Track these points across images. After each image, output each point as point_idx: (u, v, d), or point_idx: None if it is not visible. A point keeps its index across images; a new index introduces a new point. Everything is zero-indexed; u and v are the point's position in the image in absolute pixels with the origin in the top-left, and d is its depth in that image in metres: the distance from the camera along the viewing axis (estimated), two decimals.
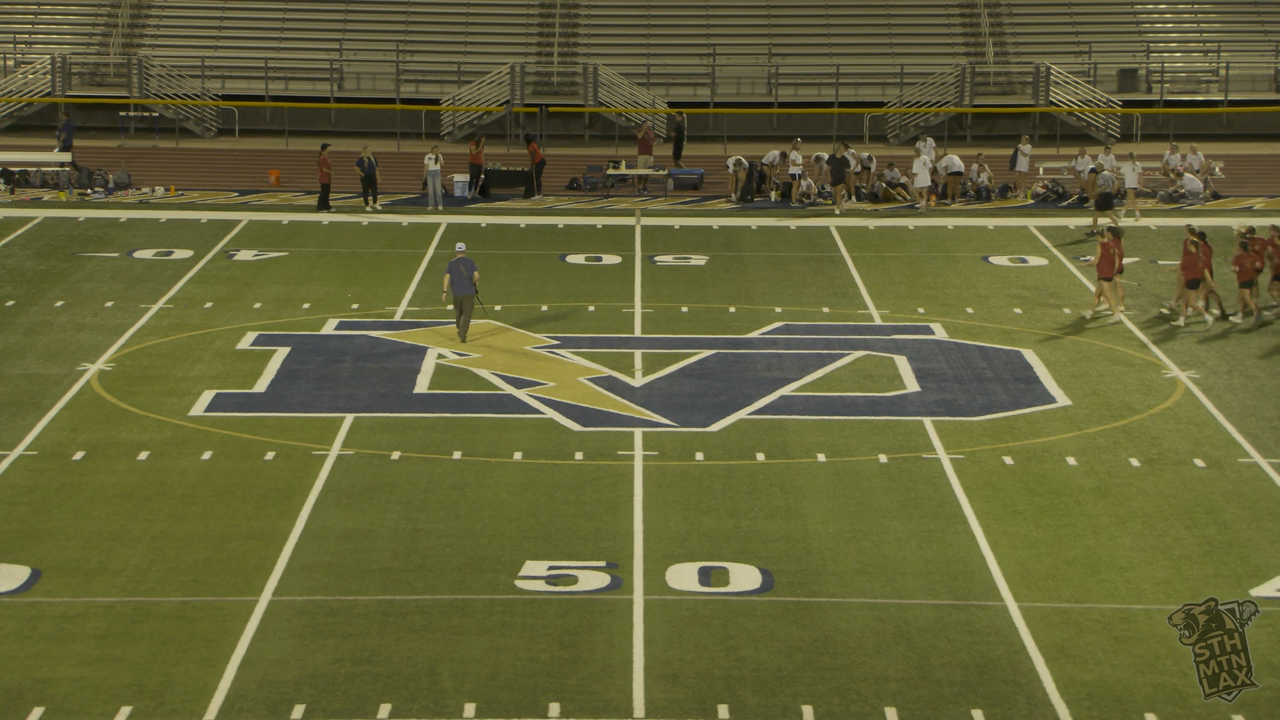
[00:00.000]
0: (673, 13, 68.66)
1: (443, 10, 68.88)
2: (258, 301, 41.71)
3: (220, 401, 34.03)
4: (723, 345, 38.23)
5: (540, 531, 27.59)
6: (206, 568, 26.06)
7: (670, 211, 53.77)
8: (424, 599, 25.01)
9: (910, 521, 28.06)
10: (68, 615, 24.44)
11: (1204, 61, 67.06)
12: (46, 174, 56.78)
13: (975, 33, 67.53)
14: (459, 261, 38.03)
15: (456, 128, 63.40)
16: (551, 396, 34.32)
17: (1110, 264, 40.10)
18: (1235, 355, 37.67)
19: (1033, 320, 40.44)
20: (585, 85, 63.96)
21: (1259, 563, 26.61)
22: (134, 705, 21.85)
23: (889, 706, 21.99)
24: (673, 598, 25.10)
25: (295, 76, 65.47)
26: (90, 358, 36.83)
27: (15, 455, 30.92)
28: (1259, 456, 31.27)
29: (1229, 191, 56.52)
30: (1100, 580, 25.85)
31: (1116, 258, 40.31)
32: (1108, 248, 40.13)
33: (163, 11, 68.26)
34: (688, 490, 29.37)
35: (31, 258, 46.27)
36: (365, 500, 28.81)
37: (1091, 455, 31.24)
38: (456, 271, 37.90)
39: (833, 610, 24.74)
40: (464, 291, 37.90)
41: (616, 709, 21.89)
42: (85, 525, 27.67)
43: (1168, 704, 22.02)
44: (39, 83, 63.85)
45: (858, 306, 41.85)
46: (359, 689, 22.28)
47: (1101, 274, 40.22)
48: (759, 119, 64.82)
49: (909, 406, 34.08)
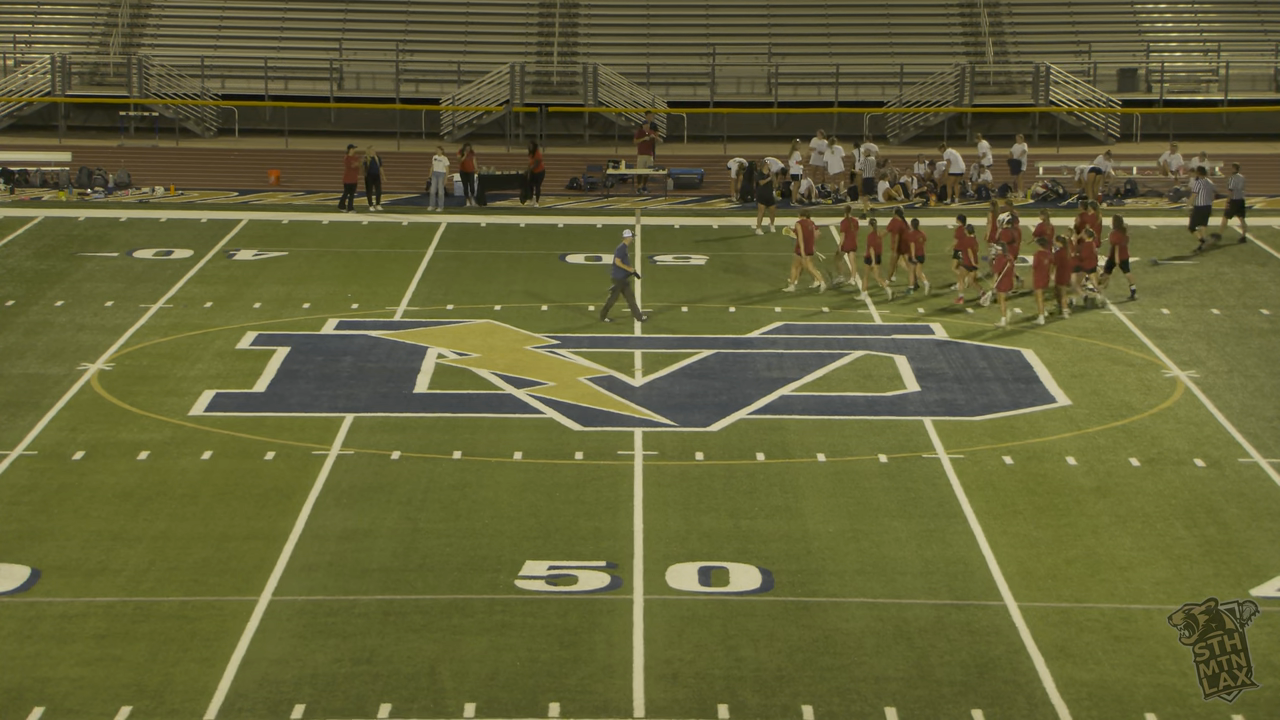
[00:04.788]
0: (673, 13, 68.64)
1: (443, 10, 68.86)
2: (258, 301, 41.72)
3: (220, 401, 34.03)
4: (723, 345, 38.23)
5: (540, 531, 27.59)
6: (206, 567, 26.06)
7: (670, 211, 53.77)
8: (424, 599, 25.02)
9: (910, 521, 28.06)
10: (68, 615, 24.44)
11: (1204, 61, 67.05)
12: (46, 173, 56.78)
13: (975, 32, 67.52)
14: (619, 249, 39.90)
15: (456, 127, 63.39)
16: (551, 396, 34.33)
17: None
18: (1235, 355, 37.67)
19: (1032, 320, 40.41)
20: (585, 85, 63.96)
21: (1259, 562, 26.61)
22: (134, 705, 21.85)
23: (889, 706, 22.00)
24: (673, 597, 25.10)
25: (295, 76, 65.46)
26: (90, 357, 36.83)
27: (15, 455, 30.93)
28: (1259, 456, 31.28)
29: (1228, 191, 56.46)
30: (1100, 580, 25.86)
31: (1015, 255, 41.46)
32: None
33: (162, 11, 68.24)
34: (688, 490, 29.38)
35: (31, 257, 46.27)
36: (365, 500, 28.81)
37: (1091, 455, 31.24)
38: (622, 256, 39.65)
39: (833, 610, 24.75)
40: (613, 276, 39.71)
41: (616, 709, 21.90)
42: (85, 525, 27.67)
43: (1168, 704, 22.02)
44: (39, 82, 63.83)
45: (857, 306, 41.84)
46: (359, 689, 22.29)
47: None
48: (759, 119, 64.80)
49: (909, 406, 34.09)
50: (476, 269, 45.48)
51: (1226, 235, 49.27)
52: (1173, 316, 40.85)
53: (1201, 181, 48.48)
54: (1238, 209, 49.26)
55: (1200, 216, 48.34)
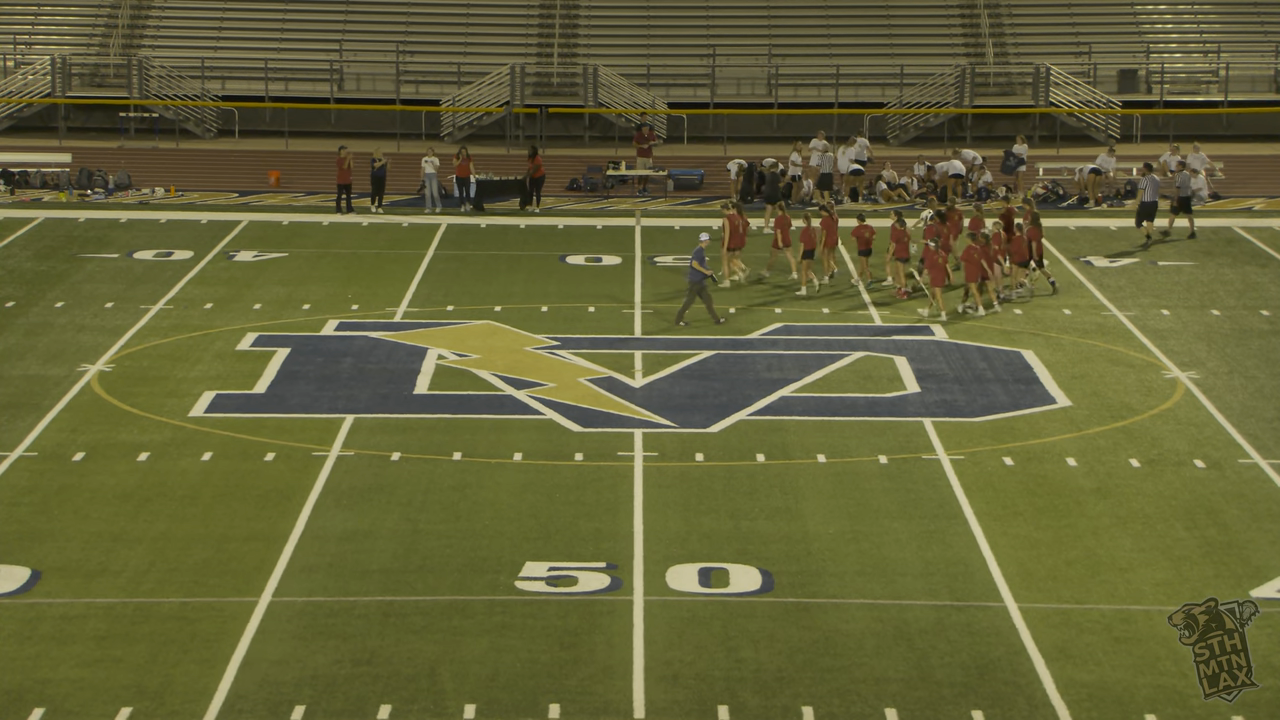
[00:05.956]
0: (673, 13, 68.62)
1: (443, 11, 68.84)
2: (258, 302, 41.72)
3: (220, 402, 34.03)
4: (723, 346, 38.23)
5: (540, 532, 27.59)
6: (206, 569, 26.06)
7: (670, 212, 53.75)
8: (424, 600, 25.01)
9: (910, 522, 28.06)
10: (68, 616, 24.44)
11: (1204, 62, 67.04)
12: (47, 175, 56.77)
13: (975, 33, 67.51)
14: (696, 251, 40.08)
15: (456, 128, 63.39)
16: (551, 397, 34.32)
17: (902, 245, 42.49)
18: (1235, 356, 37.67)
19: (1033, 321, 40.45)
20: (585, 86, 63.95)
21: (1259, 564, 26.61)
22: (134, 706, 21.85)
23: (889, 707, 21.99)
24: (673, 598, 25.10)
25: (295, 77, 65.44)
26: (90, 359, 36.83)
27: (15, 456, 30.93)
28: (1259, 457, 31.27)
29: (1229, 192, 56.54)
30: (1100, 581, 25.85)
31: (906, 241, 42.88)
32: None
33: (163, 12, 68.22)
34: (688, 491, 29.37)
35: (32, 259, 46.28)
36: (365, 501, 28.81)
37: (1092, 456, 31.24)
38: (699, 259, 39.82)
39: (833, 611, 24.75)
40: (690, 279, 39.84)
41: (616, 710, 21.89)
42: (85, 526, 27.67)
43: (1168, 705, 22.02)
44: (39, 84, 63.80)
45: (858, 307, 41.85)
46: (359, 690, 22.29)
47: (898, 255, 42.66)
48: (759, 120, 64.78)
49: (909, 407, 34.08)
50: (477, 270, 45.48)
51: (1175, 232, 49.62)
52: (1173, 318, 40.86)
53: (1149, 178, 49.01)
54: (1185, 205, 49.65)
55: (1146, 212, 48.95)
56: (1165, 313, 41.22)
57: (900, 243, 42.58)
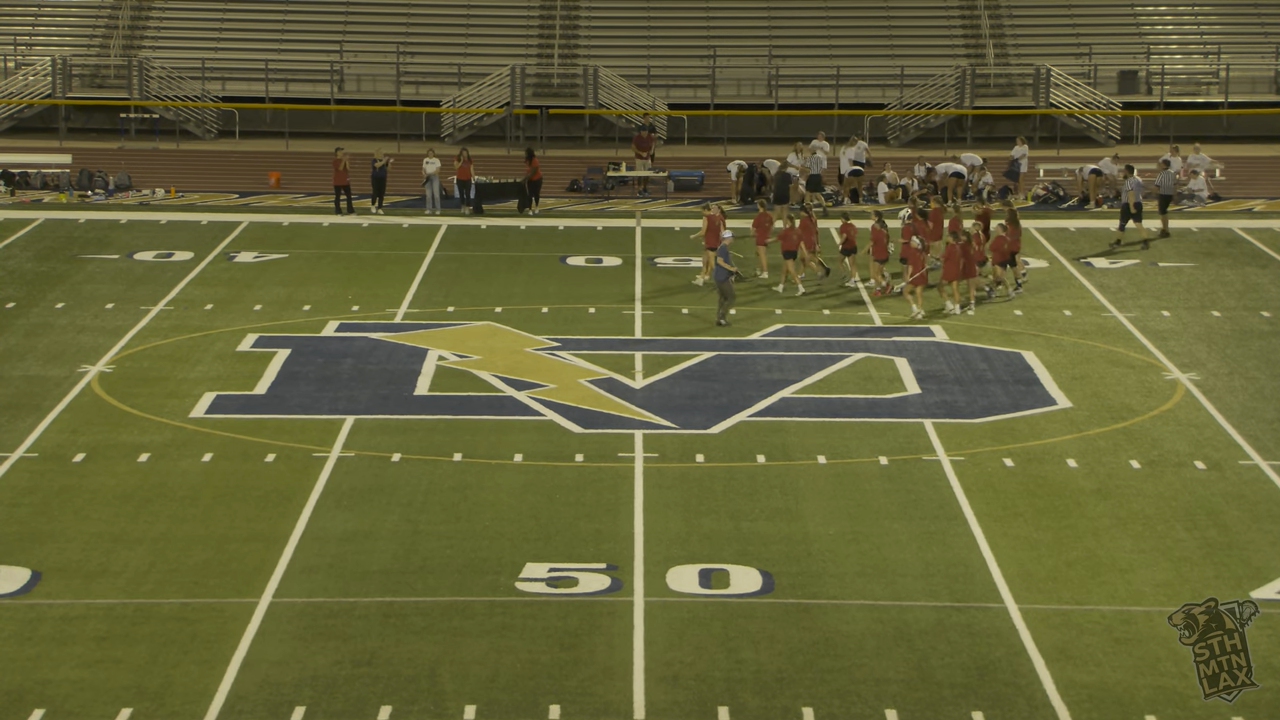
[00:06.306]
0: (673, 14, 68.65)
1: (443, 12, 68.88)
2: (258, 303, 41.72)
3: (221, 403, 34.04)
4: (723, 347, 38.23)
5: (540, 533, 27.59)
6: (207, 569, 26.06)
7: (671, 213, 53.76)
8: (424, 601, 25.02)
9: (911, 523, 28.06)
10: (68, 617, 24.44)
11: (1204, 63, 67.06)
12: (47, 175, 56.79)
13: (975, 35, 67.53)
14: (721, 248, 40.36)
15: (457, 129, 63.40)
16: (552, 398, 34.33)
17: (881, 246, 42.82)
18: (1236, 357, 37.68)
19: (1033, 322, 40.45)
20: (585, 87, 63.97)
21: (1259, 565, 26.61)
22: (134, 707, 21.85)
23: (889, 708, 21.99)
24: (673, 599, 25.10)
25: (296, 78, 65.47)
26: (91, 359, 36.83)
27: (16, 457, 30.93)
28: (1259, 458, 31.27)
29: (1229, 193, 56.54)
30: (1101, 582, 25.86)
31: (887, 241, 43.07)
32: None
33: (163, 13, 68.25)
34: (688, 492, 29.38)
35: (32, 259, 46.28)
36: (366, 502, 28.81)
37: (1092, 457, 31.24)
38: (724, 255, 40.09)
39: (833, 612, 24.75)
40: (715, 277, 40.23)
41: (617, 711, 21.90)
42: (86, 527, 27.67)
43: (1168, 706, 22.02)
44: (39, 84, 63.84)
45: (858, 308, 41.85)
46: (359, 691, 22.29)
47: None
48: (759, 121, 64.81)
49: (909, 408, 34.09)
50: (477, 271, 45.49)
51: (1144, 231, 49.75)
52: (1173, 319, 40.87)
53: (1133, 180, 49.04)
54: (1163, 205, 49.82)
55: (1130, 215, 48.99)
56: (1165, 314, 41.23)
57: (879, 243, 42.70)
